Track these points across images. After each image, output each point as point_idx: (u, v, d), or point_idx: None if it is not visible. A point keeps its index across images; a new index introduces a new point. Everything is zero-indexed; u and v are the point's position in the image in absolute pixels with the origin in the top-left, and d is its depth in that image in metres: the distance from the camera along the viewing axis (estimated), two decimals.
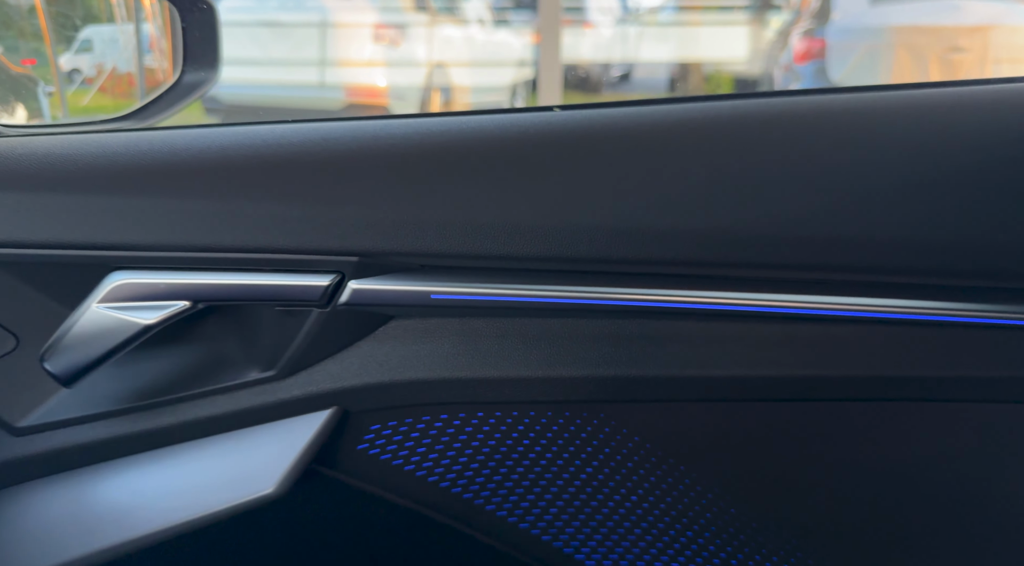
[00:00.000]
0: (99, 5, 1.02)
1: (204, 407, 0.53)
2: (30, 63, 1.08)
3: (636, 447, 0.58)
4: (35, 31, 1.02)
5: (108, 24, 1.01)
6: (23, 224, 0.50)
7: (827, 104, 0.55)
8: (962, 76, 4.25)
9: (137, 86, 1.09)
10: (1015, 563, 0.62)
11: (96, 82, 1.06)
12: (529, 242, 0.50)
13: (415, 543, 0.62)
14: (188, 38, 0.81)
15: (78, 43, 1.10)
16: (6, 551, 0.53)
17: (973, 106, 0.55)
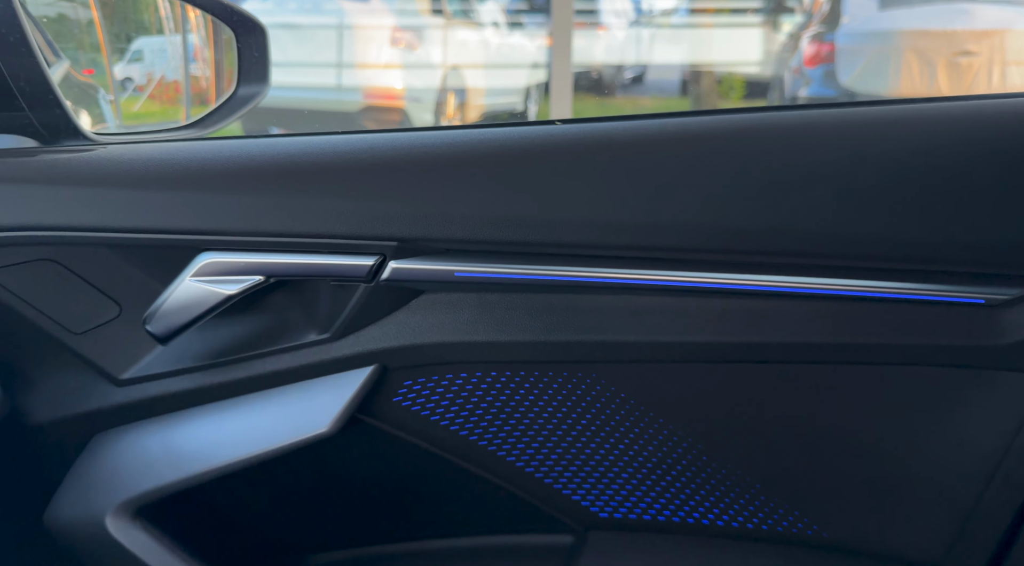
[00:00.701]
0: (149, 18, 1.13)
1: (272, 363, 0.65)
2: (89, 73, 1.20)
3: (622, 402, 0.69)
4: (93, 43, 1.14)
5: (157, 36, 1.12)
6: (128, 214, 0.61)
7: (786, 119, 0.66)
8: (971, 79, 4.29)
9: (183, 93, 1.20)
10: (928, 500, 0.72)
11: (146, 89, 1.17)
12: (533, 231, 0.61)
13: (438, 482, 0.74)
14: (242, 57, 0.93)
15: (130, 54, 1.20)
16: (111, 479, 0.64)
17: (913, 123, 0.65)
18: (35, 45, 0.64)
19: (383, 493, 0.73)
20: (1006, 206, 0.61)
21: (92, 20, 1.13)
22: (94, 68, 1.22)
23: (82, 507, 0.63)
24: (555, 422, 0.70)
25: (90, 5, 1.13)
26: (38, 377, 0.64)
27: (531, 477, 0.73)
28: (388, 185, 0.61)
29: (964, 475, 0.71)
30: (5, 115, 0.63)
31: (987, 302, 0.63)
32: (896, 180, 0.62)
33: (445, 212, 0.60)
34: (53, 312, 0.62)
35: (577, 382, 0.68)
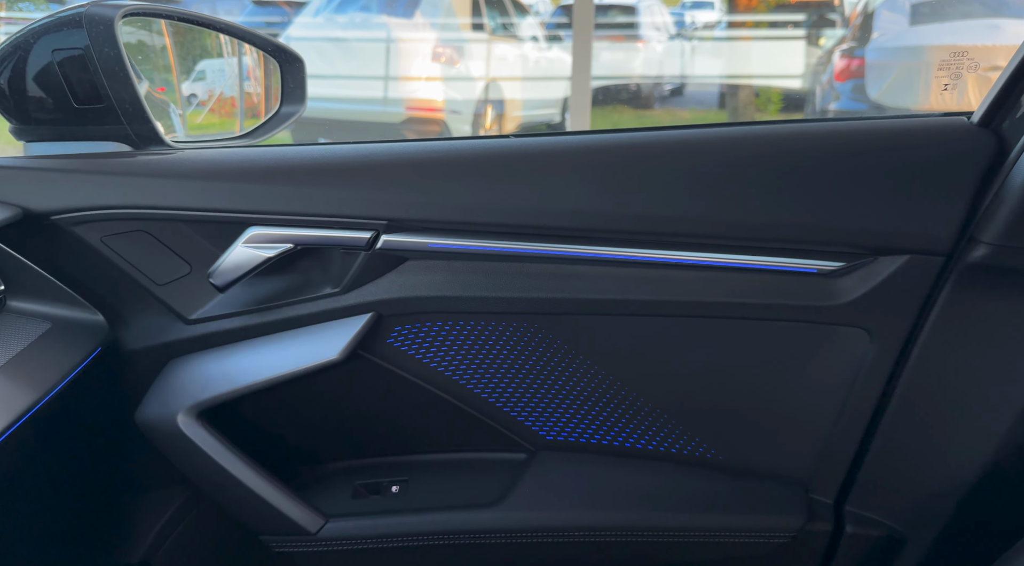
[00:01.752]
0: (211, 44, 1.37)
1: (299, 309, 0.87)
2: (162, 90, 1.45)
3: (558, 347, 0.89)
4: (165, 65, 1.39)
5: (217, 58, 1.36)
6: (198, 199, 0.84)
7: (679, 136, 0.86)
8: None
9: (237, 107, 1.43)
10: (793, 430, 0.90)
11: (208, 105, 1.40)
12: (486, 215, 0.82)
13: (423, 408, 0.95)
14: (285, 82, 1.18)
15: (195, 73, 1.43)
16: (181, 391, 0.88)
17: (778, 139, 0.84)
18: (132, 75, 0.88)
19: (381, 415, 0.94)
20: (833, 200, 0.80)
21: (165, 46, 1.39)
22: (166, 86, 1.46)
23: (161, 410, 0.86)
24: (510, 362, 0.91)
25: (163, 33, 1.37)
26: (132, 316, 0.87)
27: (493, 406, 0.94)
28: (382, 180, 0.83)
29: (817, 409, 0.88)
30: (111, 128, 0.87)
31: (819, 271, 0.82)
32: (761, 182, 0.81)
33: (421, 200, 0.82)
34: (144, 268, 0.85)
35: (524, 331, 0.88)
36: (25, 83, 0.81)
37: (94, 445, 0.90)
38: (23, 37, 0.81)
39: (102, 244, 0.82)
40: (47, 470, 0.82)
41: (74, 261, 0.81)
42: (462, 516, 0.90)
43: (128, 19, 1.29)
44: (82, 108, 0.84)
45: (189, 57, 1.43)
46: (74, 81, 0.82)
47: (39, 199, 0.78)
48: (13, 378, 0.67)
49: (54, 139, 0.86)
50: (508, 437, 0.96)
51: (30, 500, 0.81)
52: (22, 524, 0.81)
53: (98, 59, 0.81)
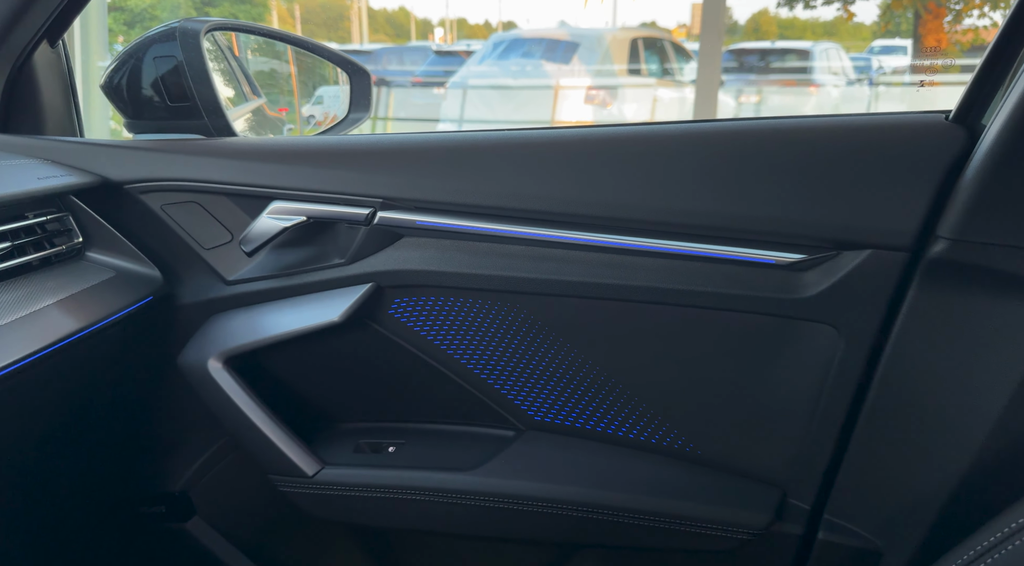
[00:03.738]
0: (329, 73, 1.56)
1: (311, 276, 0.98)
2: (283, 111, 1.66)
3: (540, 328, 0.92)
4: (290, 90, 1.60)
5: (334, 85, 1.55)
6: (238, 175, 0.99)
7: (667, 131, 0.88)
8: None
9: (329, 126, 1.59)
10: (767, 429, 0.85)
11: (322, 125, 1.60)
12: (468, 196, 0.89)
13: (420, 378, 1.01)
14: (353, 92, 1.34)
15: (314, 98, 1.64)
16: (215, 340, 1.02)
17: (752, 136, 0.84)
18: (212, 78, 1.06)
19: (386, 382, 1.02)
20: (799, 193, 0.78)
21: (291, 73, 1.60)
22: (288, 107, 1.67)
23: (198, 356, 1.01)
24: (497, 340, 0.95)
25: (290, 62, 1.59)
26: (183, 274, 1.03)
27: (484, 382, 0.99)
28: (380, 163, 0.93)
29: (792, 408, 0.82)
30: (195, 122, 1.05)
31: (777, 262, 0.79)
32: (731, 175, 0.81)
33: (412, 182, 0.91)
34: (194, 234, 1.01)
35: (508, 310, 0.93)
36: (134, 85, 1.01)
37: (145, 382, 1.07)
38: (136, 46, 1.01)
39: (162, 211, 0.99)
40: (100, 394, 1.00)
41: (139, 224, 0.99)
42: (441, 476, 0.95)
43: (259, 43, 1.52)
44: (174, 105, 1.02)
45: (310, 83, 1.64)
46: (168, 83, 1.00)
47: (115, 170, 0.97)
48: (67, 309, 0.84)
49: (153, 132, 1.05)
50: (499, 414, 1.00)
51: (80, 419, 0.98)
52: (74, 439, 0.98)
53: (186, 65, 0.99)
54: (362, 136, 0.98)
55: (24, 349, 0.75)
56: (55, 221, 0.91)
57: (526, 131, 0.92)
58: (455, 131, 0.95)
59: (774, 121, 0.84)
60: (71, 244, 0.92)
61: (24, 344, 0.75)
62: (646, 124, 0.89)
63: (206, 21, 1.09)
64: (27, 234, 0.86)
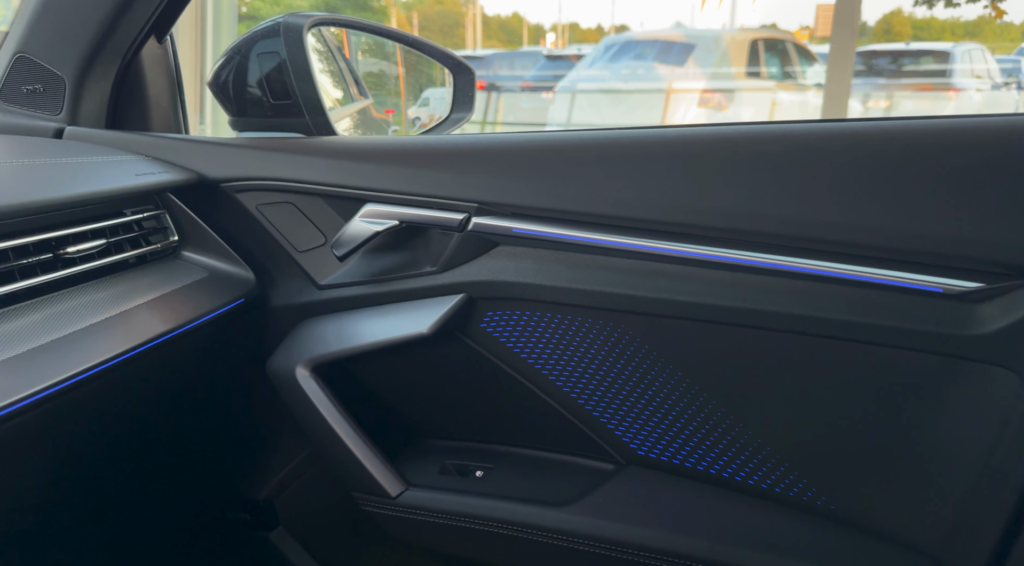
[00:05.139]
0: (436, 75, 1.52)
1: (401, 284, 0.93)
2: (390, 113, 1.64)
3: (646, 353, 0.82)
4: (396, 91, 1.58)
5: (440, 87, 1.51)
6: (331, 175, 0.95)
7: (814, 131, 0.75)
8: None
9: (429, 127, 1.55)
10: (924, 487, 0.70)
11: (427, 127, 1.57)
12: (575, 203, 0.80)
13: (516, 399, 0.94)
14: (456, 90, 1.28)
15: (420, 100, 1.61)
16: (304, 346, 0.98)
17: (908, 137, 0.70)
18: (315, 78, 1.03)
19: (476, 399, 0.95)
20: (975, 207, 0.63)
21: (399, 75, 1.57)
22: (395, 109, 1.65)
23: (286, 362, 0.97)
24: (598, 362, 0.86)
25: (398, 64, 1.56)
26: (276, 276, 1.01)
27: (582, 408, 0.90)
28: (475, 165, 0.86)
29: (956, 465, 0.68)
30: (296, 120, 1.02)
31: (946, 291, 0.64)
32: (886, 182, 0.67)
33: (509, 185, 0.83)
34: (288, 236, 0.98)
35: (610, 330, 0.83)
36: (239, 82, 0.99)
37: (237, 386, 1.05)
38: (241, 42, 1.00)
39: (257, 211, 0.96)
40: (190, 395, 0.98)
41: (234, 223, 0.97)
42: (532, 510, 0.87)
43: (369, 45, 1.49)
44: (276, 103, 1.00)
45: (417, 85, 1.62)
46: (271, 80, 0.98)
47: (212, 168, 0.95)
48: (160, 309, 0.82)
49: (256, 130, 1.03)
50: (597, 444, 0.91)
51: (170, 420, 0.97)
52: (162, 440, 0.97)
53: (289, 62, 0.97)
54: (458, 136, 0.91)
55: (115, 348, 0.73)
56: (152, 219, 0.89)
57: (639, 130, 0.82)
58: (558, 130, 0.87)
59: (938, 121, 0.71)
60: (167, 242, 0.90)
61: (115, 343, 0.73)
62: (782, 122, 0.77)
63: (310, 16, 1.05)
64: (124, 231, 0.85)
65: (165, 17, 0.97)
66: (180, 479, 1.03)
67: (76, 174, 0.80)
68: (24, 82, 0.97)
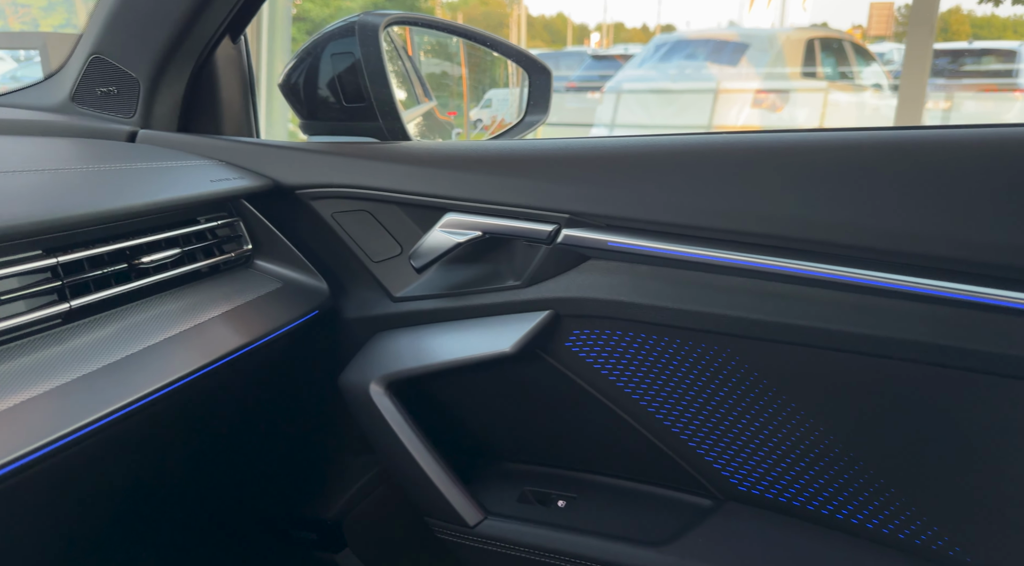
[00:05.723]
0: (500, 75, 1.47)
1: (482, 298, 0.87)
2: (452, 114, 1.59)
3: (755, 381, 0.74)
4: (458, 92, 1.53)
5: (504, 88, 1.46)
6: (410, 183, 0.90)
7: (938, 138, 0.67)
8: None
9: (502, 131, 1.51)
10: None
11: (489, 129, 1.52)
12: (674, 214, 0.74)
13: (595, 422, 0.88)
14: (532, 92, 1.22)
15: (483, 101, 1.56)
16: (378, 362, 0.94)
17: None
18: (390, 79, 0.98)
19: (558, 422, 0.89)
20: None
21: (462, 76, 1.53)
22: (456, 111, 1.61)
23: (359, 377, 0.93)
24: (696, 389, 0.79)
25: (462, 64, 1.51)
26: (349, 287, 0.96)
27: (676, 437, 0.83)
28: (566, 173, 0.80)
29: None
30: (369, 124, 0.98)
31: None
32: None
33: (604, 195, 0.77)
34: (364, 245, 0.94)
35: (714, 354, 0.76)
36: (311, 84, 0.95)
37: (306, 400, 1.01)
38: (314, 42, 0.95)
39: (332, 219, 0.92)
40: (259, 409, 0.94)
41: (308, 232, 0.93)
42: (623, 549, 0.81)
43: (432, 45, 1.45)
44: (349, 106, 0.95)
45: (480, 86, 1.57)
46: (345, 82, 0.94)
47: (288, 174, 0.91)
48: (235, 321, 0.78)
49: (327, 133, 0.99)
50: (693, 477, 0.84)
51: (239, 433, 0.93)
52: (231, 454, 0.93)
53: (364, 63, 0.92)
54: (547, 141, 0.85)
55: (190, 364, 0.69)
56: (226, 226, 0.86)
57: (755, 134, 0.75)
58: (659, 134, 0.80)
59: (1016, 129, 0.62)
60: (240, 251, 0.87)
61: (191, 359, 0.69)
62: (918, 128, 0.69)
63: (386, 14, 1.01)
64: (197, 239, 0.81)
65: (242, 15, 0.94)
66: (245, 495, 0.99)
67: (152, 180, 0.77)
68: (99, 84, 0.94)
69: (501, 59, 1.47)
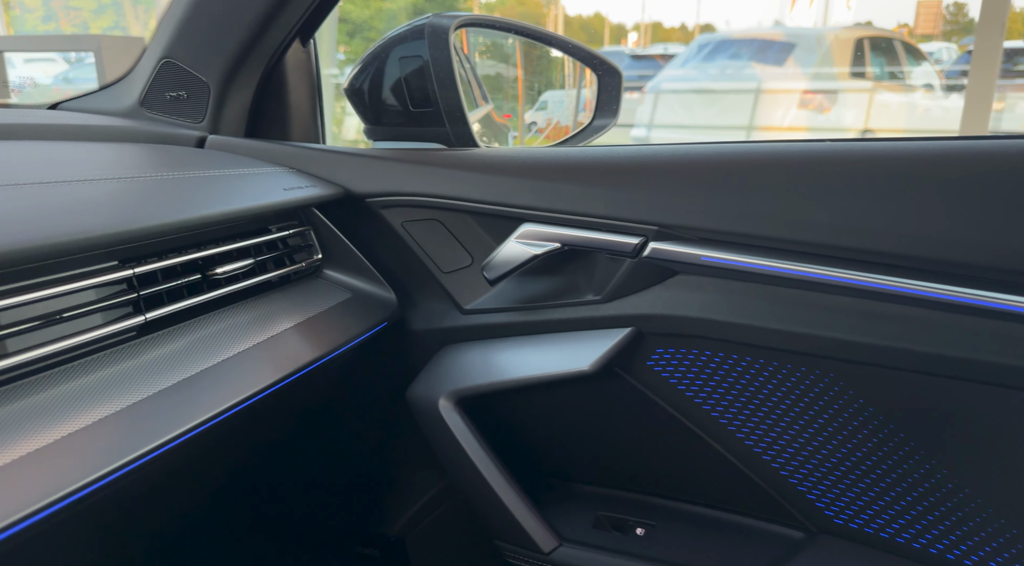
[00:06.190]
0: (556, 77, 1.43)
1: (559, 313, 0.84)
2: (507, 117, 1.56)
3: (860, 408, 0.69)
4: (514, 95, 1.49)
5: (560, 90, 1.42)
6: (484, 191, 0.86)
7: None
8: None
9: (569, 136, 1.47)
10: None
11: (544, 132, 1.48)
12: (775, 227, 0.69)
13: (676, 445, 0.83)
14: (601, 94, 1.17)
15: (538, 104, 1.53)
16: (447, 376, 0.90)
17: None
18: (459, 83, 0.95)
19: (635, 444, 0.85)
20: None
21: (517, 77, 1.49)
22: (511, 113, 1.58)
23: (427, 391, 0.90)
24: (793, 415, 0.75)
25: (517, 66, 1.48)
26: (418, 298, 0.93)
27: (767, 465, 0.78)
28: (655, 182, 0.75)
29: None
30: (435, 129, 0.95)
31: None
32: None
33: (697, 205, 0.72)
34: (434, 255, 0.91)
35: (815, 379, 0.71)
36: (377, 88, 0.93)
37: (372, 413, 0.98)
38: (382, 46, 0.93)
39: (402, 228, 0.89)
40: (326, 422, 0.92)
41: (378, 241, 0.90)
42: None
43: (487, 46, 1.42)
44: (416, 111, 0.92)
45: (535, 88, 1.53)
46: (412, 87, 0.91)
47: (358, 182, 0.88)
48: (306, 333, 0.76)
49: (391, 138, 0.96)
50: (783, 507, 0.79)
51: (305, 447, 0.91)
52: (297, 468, 0.91)
53: (432, 66, 0.89)
54: (632, 148, 0.81)
55: (265, 379, 0.66)
56: (297, 235, 0.83)
57: (867, 142, 0.70)
58: (760, 141, 0.75)
59: None
60: (311, 261, 0.84)
61: (265, 373, 0.67)
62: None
63: (456, 16, 0.97)
64: (269, 249, 0.79)
65: (314, 18, 0.91)
66: (309, 509, 0.97)
67: (225, 188, 0.74)
68: (168, 88, 0.93)
69: (557, 60, 1.44)
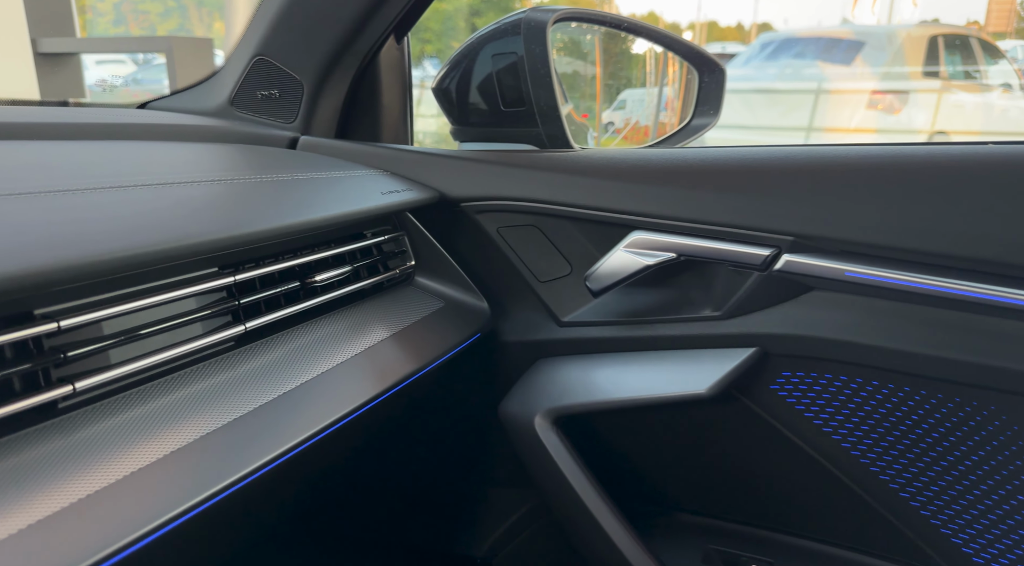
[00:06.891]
0: (636, 75, 1.37)
1: (671, 329, 0.78)
2: (584, 117, 1.50)
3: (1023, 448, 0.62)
4: (592, 94, 1.44)
5: (639, 89, 1.36)
6: (588, 196, 0.81)
7: None
8: None
9: (650, 136, 1.41)
10: None
11: (622, 132, 1.42)
12: (933, 241, 0.61)
13: (799, 477, 0.76)
14: (701, 93, 1.10)
15: (616, 103, 1.47)
16: (543, 392, 0.85)
17: None
18: (556, 81, 0.89)
19: (750, 474, 0.78)
20: None
21: (595, 75, 1.43)
22: (588, 113, 1.52)
23: (521, 407, 0.85)
24: (940, 450, 0.67)
25: (596, 63, 1.42)
26: (512, 308, 0.88)
27: (905, 503, 0.70)
28: (793, 188, 0.68)
29: None
30: (527, 130, 0.89)
31: None
32: None
33: (842, 214, 0.65)
34: (530, 263, 0.85)
35: (971, 412, 0.64)
36: (466, 87, 0.88)
37: (462, 428, 0.93)
38: (472, 44, 0.88)
39: (498, 234, 0.84)
40: (415, 435, 0.87)
41: (471, 247, 0.85)
42: None
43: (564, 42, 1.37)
44: (507, 110, 0.87)
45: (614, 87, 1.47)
46: (505, 85, 0.86)
47: (453, 185, 0.84)
48: (402, 345, 0.71)
49: (480, 139, 0.91)
50: (922, 550, 0.71)
51: (393, 461, 0.86)
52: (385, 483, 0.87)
53: (527, 64, 0.84)
54: (764, 150, 0.74)
55: (364, 393, 0.63)
56: (391, 241, 0.79)
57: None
58: (912, 143, 0.67)
59: None
60: (404, 268, 0.80)
61: (364, 387, 0.63)
62: None
63: (555, 10, 0.92)
64: (363, 255, 0.75)
65: (411, 14, 0.87)
66: (394, 526, 0.93)
67: (323, 192, 0.70)
68: (260, 87, 0.90)
69: (638, 57, 1.38)
